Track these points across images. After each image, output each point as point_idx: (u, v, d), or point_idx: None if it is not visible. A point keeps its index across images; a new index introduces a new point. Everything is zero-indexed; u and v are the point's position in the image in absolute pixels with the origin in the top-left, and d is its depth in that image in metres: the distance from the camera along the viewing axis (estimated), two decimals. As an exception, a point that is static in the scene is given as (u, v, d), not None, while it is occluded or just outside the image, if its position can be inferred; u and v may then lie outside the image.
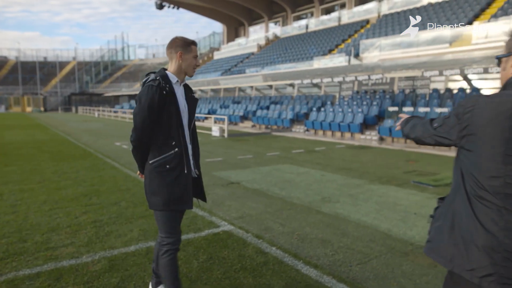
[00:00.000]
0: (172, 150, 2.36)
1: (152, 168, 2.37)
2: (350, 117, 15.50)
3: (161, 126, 2.35)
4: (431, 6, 25.83)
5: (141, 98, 2.31)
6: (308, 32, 35.67)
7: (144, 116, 2.28)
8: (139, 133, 2.33)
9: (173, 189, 2.35)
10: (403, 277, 3.15)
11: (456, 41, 18.94)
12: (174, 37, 2.46)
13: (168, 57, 2.49)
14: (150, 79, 2.34)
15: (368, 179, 7.24)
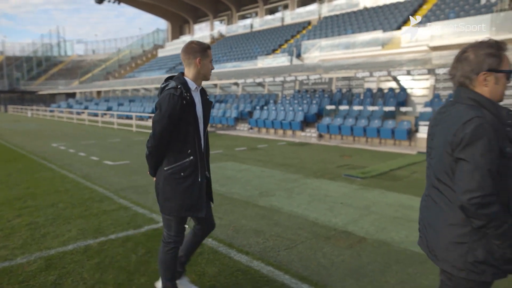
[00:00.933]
0: (187, 158, 2.40)
1: (167, 175, 2.41)
2: (291, 115, 16.18)
3: (178, 134, 2.38)
4: (366, 10, 27.54)
5: (162, 106, 2.32)
6: (253, 32, 36.28)
7: (164, 124, 2.31)
8: (157, 141, 2.36)
9: (186, 196, 2.41)
10: (323, 258, 3.58)
11: (387, 44, 20.47)
12: (190, 42, 2.45)
13: (184, 63, 2.44)
14: (171, 87, 2.34)
15: (304, 173, 7.76)
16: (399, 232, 4.32)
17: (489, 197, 1.48)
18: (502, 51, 1.61)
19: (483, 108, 1.59)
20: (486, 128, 1.51)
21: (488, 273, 1.57)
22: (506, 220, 1.50)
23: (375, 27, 22.94)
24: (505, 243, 1.52)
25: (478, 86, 1.63)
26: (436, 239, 1.69)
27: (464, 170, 1.53)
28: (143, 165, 8.70)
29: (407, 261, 3.53)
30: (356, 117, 14.10)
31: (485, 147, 1.49)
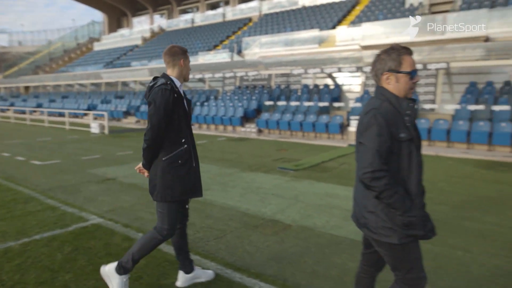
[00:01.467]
0: (182, 146, 2.64)
1: (165, 165, 2.61)
2: (231, 111, 16.38)
3: (172, 125, 2.60)
4: (305, 9, 28.48)
5: (156, 100, 2.53)
6: (194, 27, 35.83)
7: (160, 116, 2.52)
8: (155, 132, 2.54)
9: (185, 181, 2.65)
10: (249, 245, 3.81)
11: (324, 42, 21.41)
12: (172, 46, 2.72)
13: (168, 64, 2.70)
14: (161, 83, 2.58)
15: (241, 168, 7.99)
16: (322, 218, 4.69)
17: (378, 172, 1.79)
18: (403, 55, 1.92)
19: (387, 101, 1.92)
20: (378, 118, 1.84)
21: (395, 236, 1.87)
22: (396, 191, 1.80)
23: (313, 25, 23.83)
24: (399, 210, 1.82)
25: (384, 84, 1.97)
26: (358, 210, 2.04)
27: (361, 151, 1.89)
28: (74, 163, 8.37)
29: (325, 243, 3.88)
30: (293, 112, 14.65)
31: (375, 132, 1.82)
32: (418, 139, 1.96)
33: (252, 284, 2.99)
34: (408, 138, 1.88)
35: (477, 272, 3.26)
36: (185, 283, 2.95)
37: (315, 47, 21.12)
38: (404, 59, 1.92)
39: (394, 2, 22.72)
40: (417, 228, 1.85)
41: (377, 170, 1.79)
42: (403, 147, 1.87)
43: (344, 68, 14.36)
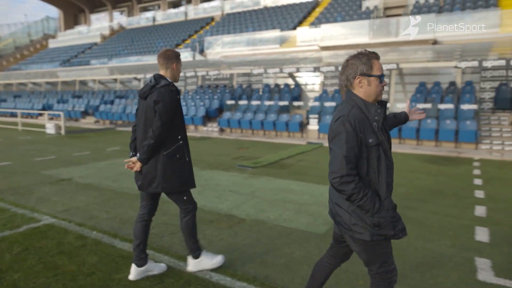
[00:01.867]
0: (178, 143, 2.92)
1: (165, 158, 2.87)
2: (193, 110, 16.35)
3: (173, 123, 2.86)
4: (266, 9, 28.83)
5: (165, 100, 2.78)
6: (156, 25, 35.22)
7: (169, 114, 2.80)
8: (165, 129, 2.80)
9: (182, 174, 2.95)
10: (203, 239, 3.94)
11: (285, 42, 21.82)
12: (166, 50, 2.93)
13: (162, 66, 2.92)
14: (165, 84, 2.84)
15: (200, 166, 8.07)
16: (275, 212, 4.90)
17: (346, 177, 1.88)
18: (372, 59, 2.01)
19: (356, 107, 1.98)
20: (346, 125, 1.92)
21: (367, 234, 1.96)
22: (365, 194, 1.88)
23: (274, 26, 24.21)
24: (369, 212, 1.92)
25: (356, 88, 2.02)
26: (333, 208, 2.14)
27: (331, 156, 1.97)
28: (27, 165, 8.10)
29: (276, 235, 4.08)
30: (255, 111, 14.87)
31: (343, 139, 1.91)
32: (387, 142, 2.05)
33: (203, 274, 3.13)
34: (376, 143, 1.96)
35: (412, 255, 3.59)
36: (137, 276, 3.04)
37: (277, 47, 21.50)
38: (374, 63, 2.01)
39: (352, 5, 23.55)
40: (386, 228, 1.94)
41: (345, 175, 1.88)
42: (372, 151, 1.96)
43: (304, 68, 14.75)
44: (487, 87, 13.55)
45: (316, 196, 5.66)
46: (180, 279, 3.04)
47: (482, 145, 10.60)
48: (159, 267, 3.17)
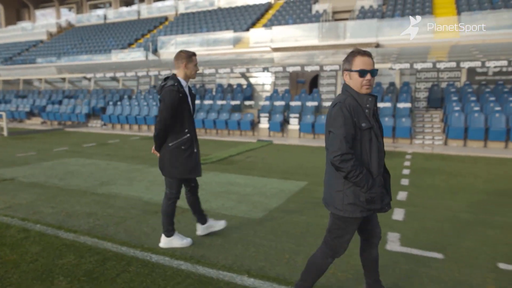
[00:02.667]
0: (186, 135, 3.32)
1: (172, 149, 3.31)
2: (145, 110, 16.26)
3: (177, 118, 3.26)
4: (220, 10, 29.06)
5: (166, 99, 3.18)
6: (107, 23, 34.24)
7: (168, 112, 3.18)
8: (163, 124, 3.22)
9: (187, 163, 3.34)
10: (147, 227, 4.19)
11: (238, 43, 22.21)
12: (179, 51, 3.33)
13: (175, 66, 3.33)
14: (170, 84, 3.21)
15: (150, 163, 8.21)
16: (218, 202, 5.23)
17: (345, 155, 2.14)
18: (355, 56, 2.26)
19: (350, 96, 2.26)
20: (343, 110, 2.19)
21: (357, 211, 2.23)
22: (361, 171, 2.15)
23: (228, 27, 24.52)
24: (363, 188, 2.17)
25: (346, 81, 2.34)
26: (326, 191, 2.39)
27: (331, 138, 2.22)
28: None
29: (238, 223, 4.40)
30: (207, 110, 15.11)
31: (341, 122, 2.17)
32: (378, 128, 2.30)
33: (144, 256, 3.39)
34: (368, 127, 2.20)
35: (335, 233, 4.06)
36: (203, 232, 3.82)
37: (230, 47, 21.84)
38: (355, 60, 2.25)
39: (303, 8, 24.41)
40: (376, 203, 2.22)
41: (345, 153, 2.13)
42: (365, 134, 2.21)
43: (257, 68, 15.19)
44: (421, 88, 14.77)
45: (259, 188, 6.06)
46: (121, 261, 3.28)
47: (416, 140, 11.61)
48: (219, 224, 3.90)
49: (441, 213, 4.75)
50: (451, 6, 19.86)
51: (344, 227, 2.33)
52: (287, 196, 5.57)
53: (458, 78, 14.40)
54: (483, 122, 10.98)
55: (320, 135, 12.90)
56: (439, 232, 4.09)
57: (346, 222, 2.31)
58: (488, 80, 13.86)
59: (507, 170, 7.76)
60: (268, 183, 6.43)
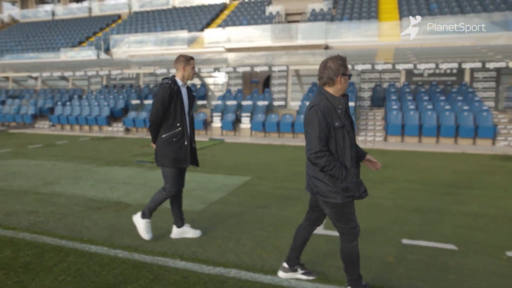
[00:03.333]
0: (177, 129, 3.60)
1: (164, 141, 3.61)
2: (97, 110, 15.95)
3: (170, 112, 3.56)
4: (175, 10, 28.87)
5: (158, 94, 3.54)
6: (55, 20, 32.84)
7: (158, 106, 3.51)
8: (154, 117, 3.56)
9: (177, 154, 3.62)
10: (89, 222, 4.33)
11: (193, 43, 22.27)
12: (179, 55, 3.66)
13: (175, 68, 3.66)
14: (164, 82, 3.55)
15: (98, 163, 8.22)
16: (162, 197, 5.44)
17: (319, 152, 2.42)
18: (346, 62, 2.54)
19: (325, 99, 2.51)
20: (318, 113, 2.45)
21: (338, 197, 2.51)
22: (335, 165, 2.42)
23: (183, 26, 24.47)
24: (338, 179, 2.45)
25: (336, 84, 2.51)
26: (309, 179, 2.68)
27: (307, 137, 2.50)
28: None
29: (156, 214, 4.62)
30: (161, 110, 15.08)
31: (316, 123, 2.44)
32: (350, 125, 2.56)
33: (83, 247, 3.56)
34: (341, 126, 2.47)
35: (272, 218, 4.43)
36: (176, 236, 3.87)
37: (185, 47, 21.84)
38: (347, 66, 2.54)
39: (257, 9, 24.89)
40: (353, 191, 2.49)
41: (319, 151, 2.42)
42: (338, 132, 2.48)
43: (208, 68, 15.40)
44: (366, 88, 15.71)
45: (202, 183, 6.34)
46: (60, 253, 3.43)
47: (359, 137, 12.40)
48: (194, 232, 3.92)
49: (363, 200, 5.28)
50: (394, 11, 21.19)
51: (342, 211, 2.60)
52: (229, 190, 5.90)
53: (398, 79, 15.48)
54: (418, 119, 11.97)
55: (270, 133, 13.39)
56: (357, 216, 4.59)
57: (338, 207, 2.58)
58: (424, 81, 15.04)
59: (435, 162, 8.60)
60: (213, 178, 6.72)
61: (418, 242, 3.74)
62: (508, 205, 5.12)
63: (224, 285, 2.84)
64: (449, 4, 20.44)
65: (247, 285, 2.85)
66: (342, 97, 2.53)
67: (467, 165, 8.27)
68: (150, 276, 2.98)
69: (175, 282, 2.89)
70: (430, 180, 6.67)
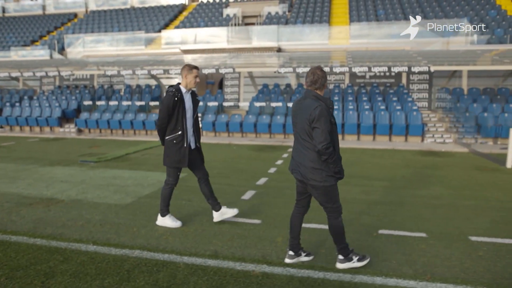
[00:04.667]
0: (177, 132, 4.06)
1: (167, 142, 4.11)
2: (48, 111, 15.80)
3: (173, 117, 4.02)
4: (133, 10, 28.70)
5: (163, 101, 3.99)
6: (6, 17, 31.67)
7: (164, 111, 3.98)
8: (161, 122, 4.04)
9: (176, 155, 4.07)
10: (16, 216, 4.64)
11: (150, 43, 22.34)
12: (185, 64, 4.07)
13: (181, 75, 4.09)
14: (169, 90, 4.00)
15: (41, 163, 8.38)
16: (95, 193, 5.81)
17: (329, 143, 2.95)
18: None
19: (320, 100, 3.05)
20: (324, 111, 2.98)
21: (332, 180, 3.07)
22: (335, 154, 3.00)
23: (140, 27, 24.44)
24: (336, 165, 3.03)
25: (324, 88, 3.17)
26: (305, 169, 3.13)
27: (317, 132, 2.97)
28: None
29: (85, 207, 5.01)
30: (114, 111, 15.22)
31: (324, 120, 2.96)
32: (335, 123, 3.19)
33: (4, 238, 3.90)
34: (335, 122, 3.07)
35: (197, 205, 4.93)
36: (217, 219, 4.34)
37: (142, 48, 21.89)
38: None
39: (214, 11, 25.27)
40: (341, 173, 3.10)
41: (329, 142, 2.95)
42: (333, 128, 3.07)
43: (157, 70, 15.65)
44: (313, 89, 16.52)
45: (138, 180, 6.74)
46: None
47: (303, 136, 13.14)
48: (232, 211, 4.38)
49: (288, 194, 5.91)
50: (345, 16, 22.29)
51: (333, 192, 3.15)
52: (159, 185, 6.32)
53: (343, 81, 16.44)
54: (356, 118, 12.88)
55: (221, 133, 13.89)
56: (267, 205, 5.20)
57: (329, 189, 3.12)
58: (366, 82, 16.07)
59: (365, 157, 9.43)
60: (151, 176, 7.13)
61: (310, 225, 4.37)
62: (408, 193, 5.92)
63: (124, 263, 3.31)
64: (395, 10, 21.82)
65: (145, 262, 3.33)
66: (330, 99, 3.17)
67: (391, 160, 9.16)
68: (60, 258, 3.39)
69: (82, 262, 3.33)
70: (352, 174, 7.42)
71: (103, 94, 17.25)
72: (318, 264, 3.35)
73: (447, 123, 13.37)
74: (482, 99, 13.39)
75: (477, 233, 4.11)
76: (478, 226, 4.34)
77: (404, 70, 12.78)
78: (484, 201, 5.49)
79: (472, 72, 14.89)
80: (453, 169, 7.96)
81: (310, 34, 20.35)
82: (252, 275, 3.09)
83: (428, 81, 15.17)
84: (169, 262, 3.34)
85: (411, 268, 3.27)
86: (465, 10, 20.24)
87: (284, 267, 3.25)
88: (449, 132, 12.69)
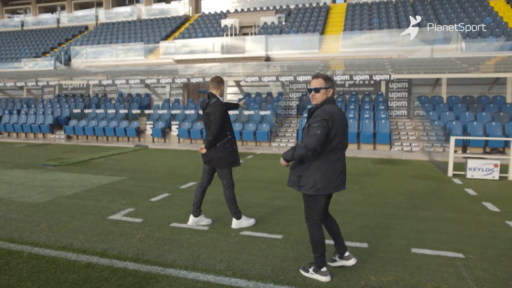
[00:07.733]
0: (227, 137, 4.43)
1: (219, 147, 4.38)
2: (41, 118, 16.76)
3: (223, 125, 4.37)
4: (139, 21, 29.87)
5: (216, 112, 4.31)
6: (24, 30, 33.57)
7: (219, 121, 4.31)
8: (217, 131, 4.31)
9: (230, 156, 4.43)
10: None
11: (150, 54, 23.24)
12: (215, 76, 4.48)
13: (213, 87, 4.44)
14: (214, 101, 4.35)
15: (4, 167, 9.04)
16: (23, 193, 6.31)
17: None
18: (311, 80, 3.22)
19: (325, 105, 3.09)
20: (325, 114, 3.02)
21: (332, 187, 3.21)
22: None
23: (143, 38, 25.44)
24: None
25: (328, 94, 3.15)
26: (293, 180, 3.24)
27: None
28: None
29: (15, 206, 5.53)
30: (102, 118, 15.99)
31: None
32: None
33: None
34: None
35: (108, 211, 5.35)
36: (193, 224, 4.65)
37: (141, 58, 22.80)
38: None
39: (214, 22, 26.01)
40: None
41: None
42: None
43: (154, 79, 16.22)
44: (294, 97, 16.80)
45: (75, 182, 7.24)
46: None
47: (274, 143, 13.42)
48: (207, 220, 4.72)
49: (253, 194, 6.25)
50: (341, 25, 22.47)
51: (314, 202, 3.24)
52: (88, 187, 6.80)
53: (324, 89, 16.58)
54: (326, 126, 13.01)
55: (197, 140, 14.34)
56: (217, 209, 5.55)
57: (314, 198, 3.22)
58: (345, 90, 16.19)
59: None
60: (88, 178, 7.60)
61: (182, 223, 4.69)
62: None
63: (20, 256, 3.69)
64: (389, 18, 21.83)
65: (38, 256, 3.68)
66: None
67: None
68: None
69: None
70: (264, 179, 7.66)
71: (98, 102, 18.11)
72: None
73: (420, 131, 13.32)
74: (458, 108, 13.27)
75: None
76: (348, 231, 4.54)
77: (364, 78, 12.85)
78: (377, 207, 5.64)
79: (456, 80, 14.73)
80: (389, 177, 8.06)
81: (301, 43, 20.66)
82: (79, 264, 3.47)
83: (407, 89, 15.15)
84: (63, 259, 3.75)
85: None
86: (460, 18, 20.04)
87: (113, 258, 3.59)
88: (418, 141, 12.65)
